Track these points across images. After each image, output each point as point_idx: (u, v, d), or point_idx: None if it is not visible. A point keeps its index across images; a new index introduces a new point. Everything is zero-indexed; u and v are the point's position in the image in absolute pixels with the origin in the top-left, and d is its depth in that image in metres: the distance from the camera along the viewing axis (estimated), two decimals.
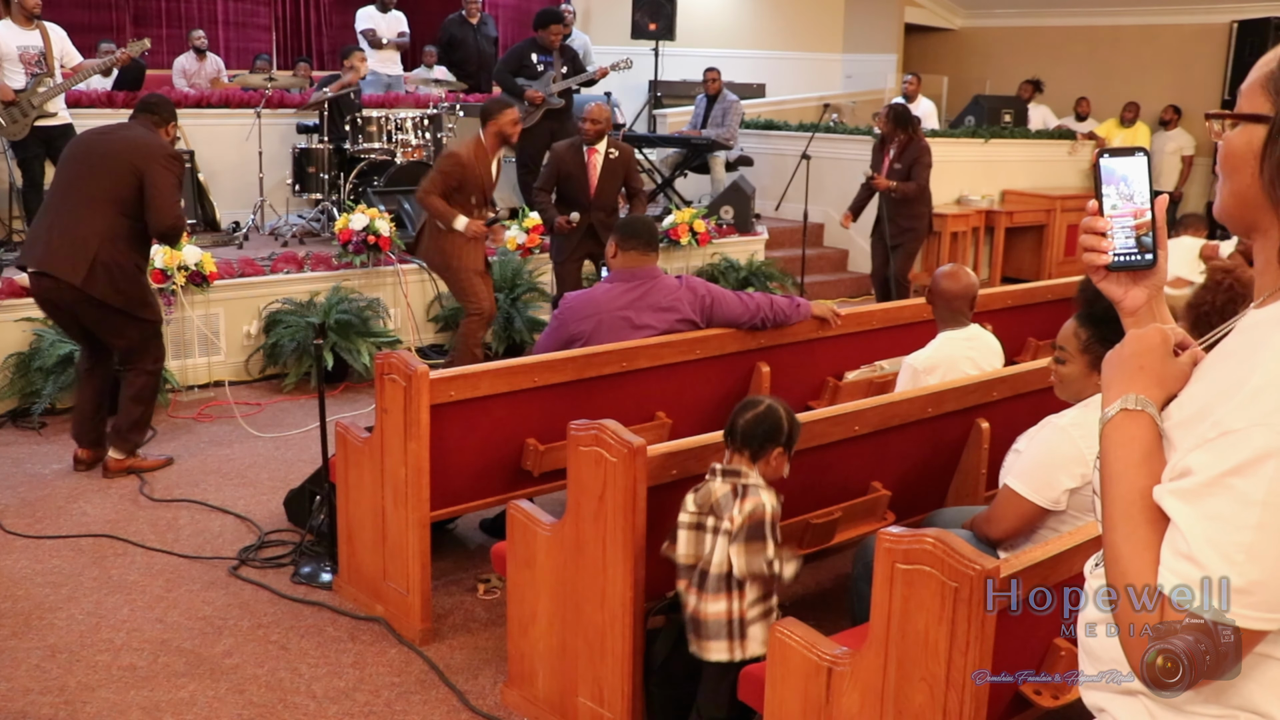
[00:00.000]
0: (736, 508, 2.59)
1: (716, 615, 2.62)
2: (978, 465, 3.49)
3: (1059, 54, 12.39)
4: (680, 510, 2.70)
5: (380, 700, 3.17)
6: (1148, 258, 1.33)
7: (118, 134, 4.73)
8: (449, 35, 9.99)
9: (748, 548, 2.58)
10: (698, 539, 2.66)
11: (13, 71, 6.73)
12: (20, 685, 3.18)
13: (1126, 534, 1.21)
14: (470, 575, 3.94)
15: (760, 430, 2.64)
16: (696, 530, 2.66)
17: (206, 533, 4.26)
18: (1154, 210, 1.33)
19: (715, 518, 2.63)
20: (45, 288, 4.57)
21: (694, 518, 2.66)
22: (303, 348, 6.02)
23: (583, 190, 6.19)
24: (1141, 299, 1.37)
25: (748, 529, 2.58)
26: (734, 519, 2.58)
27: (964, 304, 3.77)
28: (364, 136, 7.72)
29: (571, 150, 6.26)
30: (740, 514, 2.58)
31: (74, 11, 10.54)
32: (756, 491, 2.62)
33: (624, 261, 3.97)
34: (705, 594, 2.63)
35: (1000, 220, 9.64)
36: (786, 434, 2.68)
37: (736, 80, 10.35)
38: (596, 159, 6.22)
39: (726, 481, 2.64)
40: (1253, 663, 1.19)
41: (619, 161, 6.27)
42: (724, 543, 2.60)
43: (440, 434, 3.40)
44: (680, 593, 2.71)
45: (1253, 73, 1.26)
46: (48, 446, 5.15)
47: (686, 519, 2.67)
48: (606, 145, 6.24)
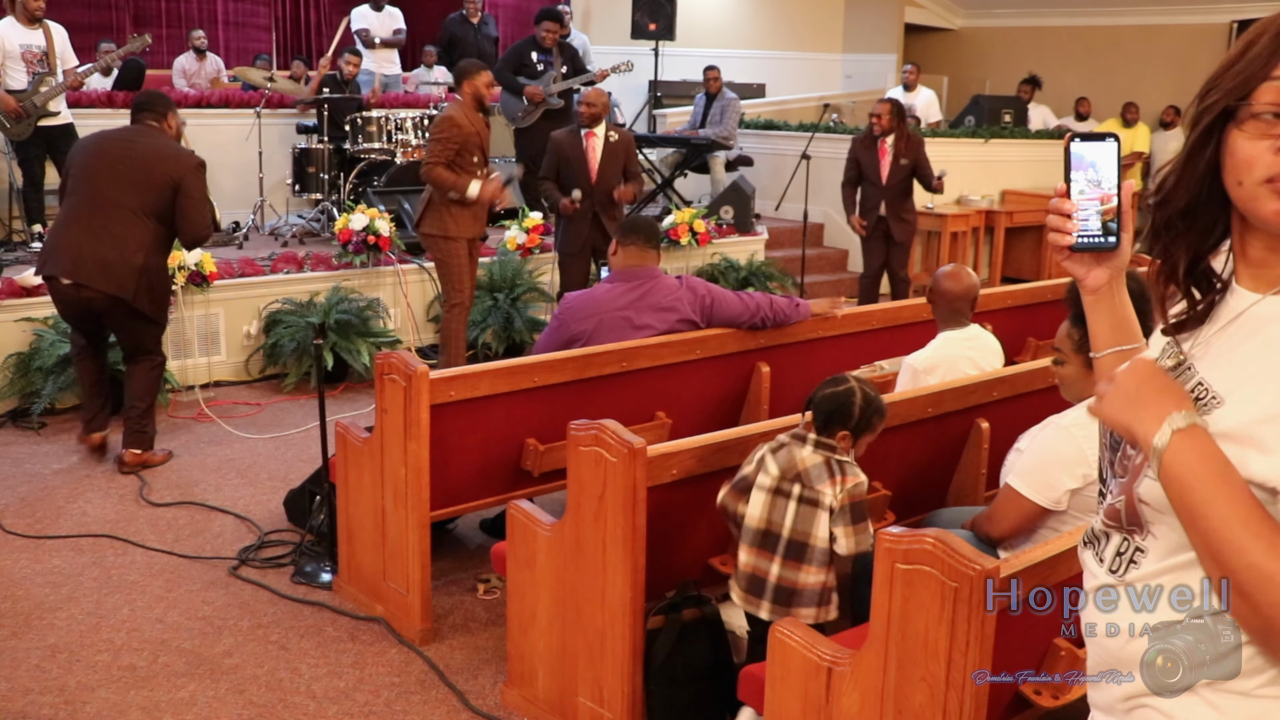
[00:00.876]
0: (837, 484, 2.62)
1: (815, 585, 2.65)
2: (978, 465, 3.49)
3: (1059, 54, 12.40)
4: (754, 468, 2.71)
5: (380, 700, 3.17)
6: (1111, 240, 1.36)
7: (141, 143, 4.72)
8: (450, 34, 9.99)
9: (856, 528, 2.63)
10: (776, 504, 2.67)
11: (15, 71, 6.74)
12: (20, 685, 3.18)
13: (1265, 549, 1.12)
14: (470, 575, 3.94)
15: (865, 417, 2.70)
16: (776, 495, 2.67)
17: (206, 533, 4.26)
18: (1120, 196, 1.36)
19: (803, 486, 2.64)
20: (82, 297, 4.60)
21: (776, 482, 2.67)
22: (303, 348, 6.02)
23: (584, 176, 6.19)
24: (1103, 279, 1.40)
25: (852, 509, 2.63)
26: (837, 495, 2.62)
27: (965, 304, 3.77)
28: (364, 136, 7.72)
29: (570, 136, 6.27)
30: (843, 492, 2.62)
31: (74, 11, 10.54)
32: (854, 470, 2.67)
33: (624, 259, 3.97)
34: (804, 565, 2.64)
35: (1000, 220, 9.64)
36: (876, 424, 2.76)
37: (736, 80, 10.35)
38: (596, 143, 6.22)
39: (819, 453, 2.66)
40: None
41: (619, 145, 6.28)
42: (819, 515, 2.62)
43: (440, 434, 3.40)
44: (743, 556, 2.70)
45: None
46: (48, 446, 5.15)
47: (767, 481, 2.67)
48: (606, 129, 6.24)
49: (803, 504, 2.64)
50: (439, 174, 5.54)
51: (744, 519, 2.71)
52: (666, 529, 2.88)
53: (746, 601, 2.72)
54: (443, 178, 5.54)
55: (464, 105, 5.71)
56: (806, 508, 2.64)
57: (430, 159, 5.56)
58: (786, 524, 2.65)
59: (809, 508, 2.64)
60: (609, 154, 6.24)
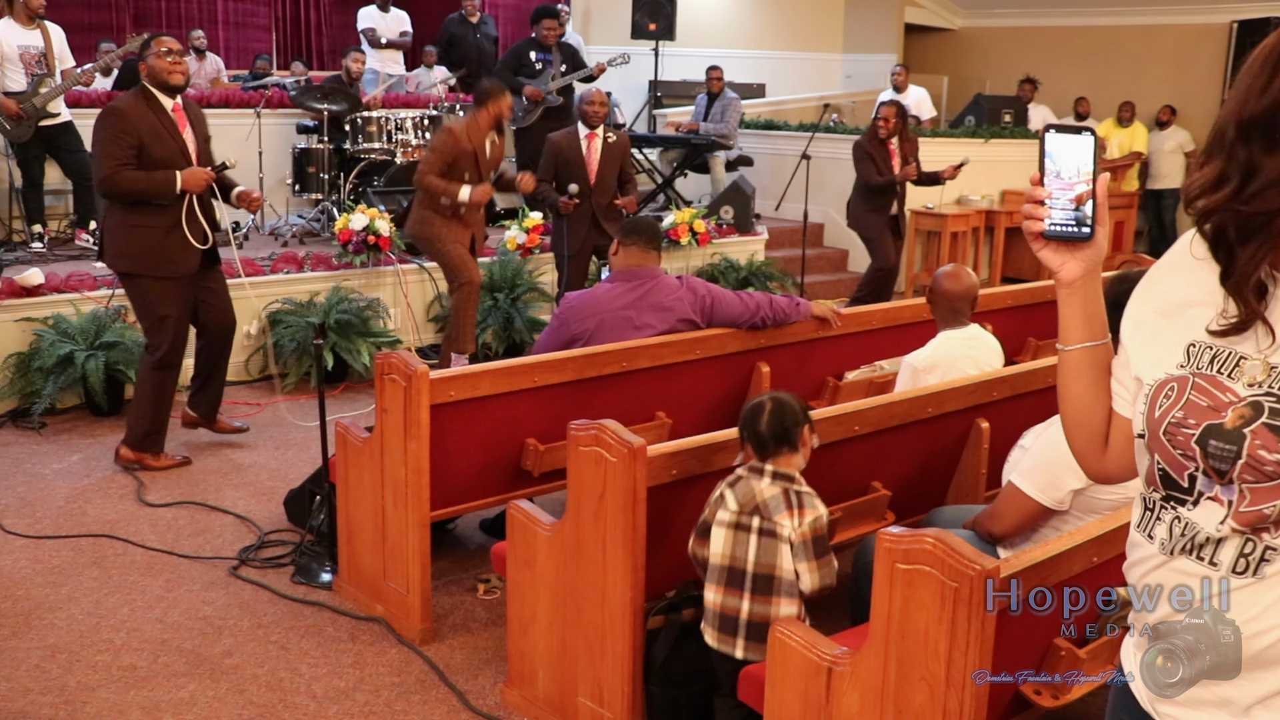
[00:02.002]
0: (796, 518, 2.58)
1: (789, 618, 2.59)
2: (978, 465, 3.49)
3: (1058, 54, 12.39)
4: (712, 507, 2.68)
5: (380, 700, 3.17)
6: (1085, 231, 1.37)
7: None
8: (449, 34, 10.00)
9: (819, 563, 2.60)
10: (738, 539, 2.63)
11: (13, 71, 6.73)
12: (20, 685, 3.18)
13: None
14: (470, 575, 3.94)
15: (786, 422, 2.66)
16: (737, 530, 2.63)
17: (206, 533, 4.26)
18: (1095, 187, 1.36)
19: (762, 518, 2.61)
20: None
21: (735, 516, 2.64)
22: (303, 348, 6.02)
23: (582, 177, 6.21)
24: (1077, 272, 1.40)
25: (815, 543, 2.59)
26: (797, 530, 2.58)
27: (965, 304, 3.77)
28: (364, 136, 7.72)
29: (569, 138, 6.29)
30: (804, 526, 2.59)
31: (74, 11, 10.54)
32: (813, 501, 2.63)
33: (625, 259, 3.97)
34: (774, 598, 2.60)
35: (1000, 220, 9.64)
36: (803, 410, 2.72)
37: (737, 80, 10.35)
38: (596, 144, 6.25)
39: (776, 484, 2.62)
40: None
41: (617, 147, 6.31)
42: (780, 547, 2.59)
43: (440, 434, 3.40)
44: (711, 595, 2.67)
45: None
46: (48, 446, 5.15)
47: (727, 517, 2.64)
48: (604, 131, 6.26)
49: (764, 536, 2.61)
50: (429, 181, 5.68)
51: (711, 558, 2.67)
52: (667, 529, 2.88)
53: (721, 641, 2.67)
54: (433, 184, 5.67)
55: (474, 122, 5.77)
56: (768, 540, 2.60)
57: (423, 167, 5.72)
58: (750, 558, 2.62)
59: (770, 540, 2.60)
60: (607, 155, 6.27)
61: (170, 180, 4.53)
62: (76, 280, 5.83)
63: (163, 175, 4.52)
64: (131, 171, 4.48)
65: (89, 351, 5.37)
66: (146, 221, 4.57)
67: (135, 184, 4.49)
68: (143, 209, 4.56)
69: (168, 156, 4.55)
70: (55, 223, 7.53)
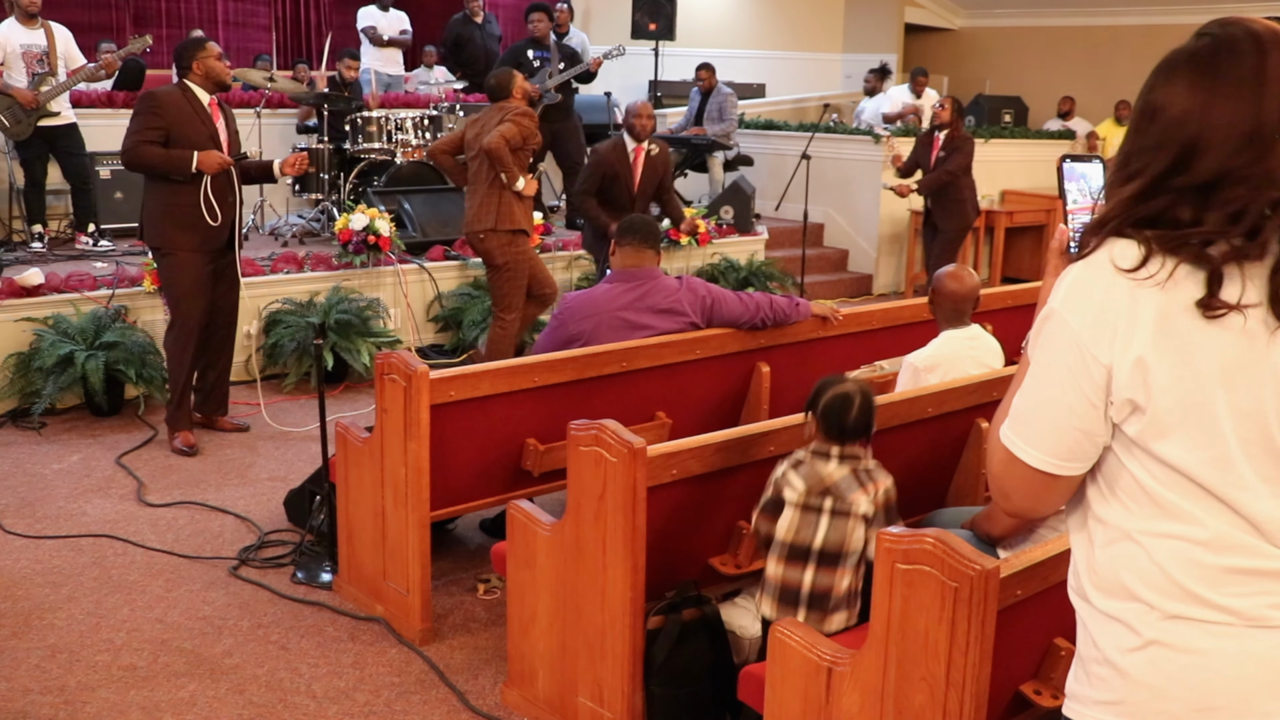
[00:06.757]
0: (870, 492, 2.66)
1: (848, 589, 2.67)
2: (978, 465, 3.48)
3: (1059, 54, 12.40)
4: (776, 487, 2.73)
5: (380, 700, 3.17)
6: None
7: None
8: (455, 34, 10.01)
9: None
10: (805, 519, 2.67)
11: (15, 71, 6.74)
12: (20, 685, 3.18)
13: None
14: (470, 575, 3.94)
15: (871, 417, 2.73)
16: (804, 510, 2.68)
17: (206, 533, 4.26)
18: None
19: (835, 499, 2.66)
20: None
21: (803, 497, 2.68)
22: (303, 348, 6.02)
23: (627, 190, 6.11)
24: None
25: (886, 513, 2.68)
26: (874, 502, 2.65)
27: (966, 304, 3.76)
28: (364, 136, 7.72)
29: (615, 150, 6.13)
30: (879, 496, 2.67)
31: (74, 11, 10.52)
32: (880, 474, 2.71)
33: (622, 259, 3.96)
34: (838, 569, 2.65)
35: (1000, 220, 9.64)
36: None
37: (736, 80, 10.36)
38: (642, 157, 6.16)
39: (845, 465, 2.68)
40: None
41: (659, 159, 6.21)
42: (850, 524, 2.64)
43: (440, 434, 3.40)
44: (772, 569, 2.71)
45: None
46: (48, 446, 5.15)
47: (795, 498, 2.69)
48: (648, 143, 6.20)
49: (835, 516, 2.66)
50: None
51: (777, 534, 2.72)
52: (666, 529, 2.88)
53: (780, 612, 2.70)
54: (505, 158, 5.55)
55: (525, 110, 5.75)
56: (839, 519, 2.66)
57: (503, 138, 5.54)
58: (818, 537, 2.66)
59: (841, 519, 2.66)
60: (649, 167, 6.16)
61: (187, 159, 4.86)
62: (76, 280, 5.83)
63: (179, 153, 4.87)
64: (152, 147, 4.84)
65: (89, 351, 5.38)
66: (178, 201, 4.92)
67: (153, 158, 4.85)
68: (175, 192, 4.91)
69: (197, 141, 4.91)
70: (55, 223, 7.53)
